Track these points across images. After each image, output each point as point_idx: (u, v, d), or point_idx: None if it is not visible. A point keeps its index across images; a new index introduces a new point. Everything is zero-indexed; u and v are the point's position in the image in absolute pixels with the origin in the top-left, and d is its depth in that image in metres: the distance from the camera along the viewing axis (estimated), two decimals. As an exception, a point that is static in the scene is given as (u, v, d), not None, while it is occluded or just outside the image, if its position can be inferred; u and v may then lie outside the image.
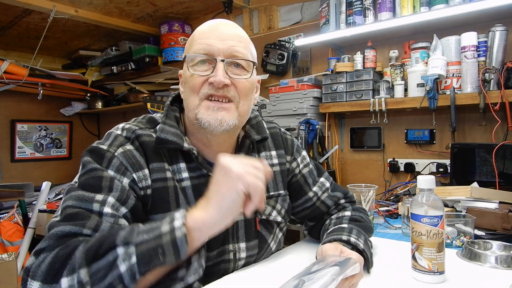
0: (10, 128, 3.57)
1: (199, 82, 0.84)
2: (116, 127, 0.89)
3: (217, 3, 2.78)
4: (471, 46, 1.66)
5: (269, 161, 1.02)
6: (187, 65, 0.86)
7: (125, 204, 0.77)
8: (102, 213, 0.72)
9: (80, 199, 0.73)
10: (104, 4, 2.65)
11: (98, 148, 0.81)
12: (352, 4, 1.96)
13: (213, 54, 0.84)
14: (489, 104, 1.59)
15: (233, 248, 0.91)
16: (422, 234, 0.80)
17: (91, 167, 0.78)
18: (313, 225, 1.11)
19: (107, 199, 0.74)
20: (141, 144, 0.84)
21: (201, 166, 0.88)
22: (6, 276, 1.84)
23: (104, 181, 0.76)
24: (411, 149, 2.02)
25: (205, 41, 0.84)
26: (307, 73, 2.46)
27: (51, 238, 0.68)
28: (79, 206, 0.72)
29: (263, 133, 0.99)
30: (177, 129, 0.87)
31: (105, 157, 0.80)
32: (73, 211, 0.71)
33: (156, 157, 0.84)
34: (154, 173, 0.83)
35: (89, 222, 0.70)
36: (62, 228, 0.69)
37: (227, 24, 0.89)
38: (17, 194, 2.36)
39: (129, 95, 3.39)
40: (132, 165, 0.81)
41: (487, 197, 1.27)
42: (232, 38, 0.86)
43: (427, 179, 0.82)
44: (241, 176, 0.68)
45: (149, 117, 0.93)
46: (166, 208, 0.83)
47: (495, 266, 0.92)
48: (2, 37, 3.17)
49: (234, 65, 0.86)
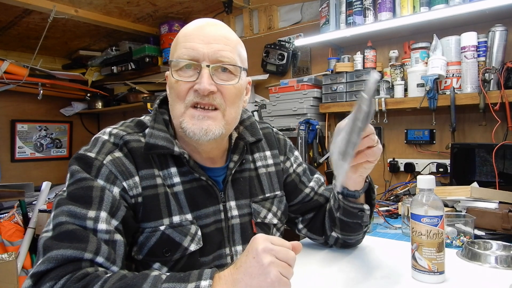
0: (10, 128, 3.57)
1: (185, 89, 0.80)
2: (103, 131, 0.86)
3: (217, 3, 2.79)
4: (471, 46, 1.66)
5: (264, 162, 1.01)
6: (171, 70, 0.83)
7: (115, 216, 0.74)
8: (96, 230, 0.70)
9: (73, 215, 0.70)
10: (104, 4, 2.65)
11: (85, 156, 0.78)
12: (352, 4, 1.96)
13: (198, 59, 0.80)
14: (489, 104, 1.59)
15: (229, 252, 0.90)
16: (422, 234, 0.80)
17: (79, 177, 0.75)
18: (312, 216, 1.07)
19: (99, 215, 0.71)
20: (130, 151, 0.81)
21: (192, 170, 0.86)
22: (6, 276, 1.84)
23: (95, 192, 0.73)
24: (411, 149, 2.02)
25: (190, 45, 0.80)
26: (307, 73, 2.46)
27: (50, 261, 0.64)
28: (73, 223, 0.69)
29: (257, 134, 0.98)
30: (166, 133, 0.85)
31: (94, 166, 0.77)
32: (68, 229, 0.68)
33: (145, 163, 0.82)
34: (144, 180, 0.81)
35: (90, 246, 0.67)
36: (63, 252, 0.65)
37: (213, 25, 0.84)
38: (17, 194, 2.36)
39: (129, 95, 3.39)
40: (122, 173, 0.78)
41: (487, 197, 1.27)
42: (218, 41, 0.81)
43: (427, 179, 0.82)
44: (270, 273, 0.63)
45: (137, 120, 0.90)
46: (156, 215, 0.81)
47: (495, 266, 0.92)
48: (2, 37, 3.17)
49: (220, 70, 0.82)
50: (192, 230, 0.83)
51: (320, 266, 0.96)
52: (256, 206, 0.95)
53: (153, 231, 0.80)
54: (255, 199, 0.96)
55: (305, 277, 0.88)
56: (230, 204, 0.91)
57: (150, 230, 0.80)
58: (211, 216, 0.88)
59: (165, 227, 0.81)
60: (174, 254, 0.81)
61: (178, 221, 0.82)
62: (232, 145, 0.95)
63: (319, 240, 1.08)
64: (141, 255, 0.80)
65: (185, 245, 0.82)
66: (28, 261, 2.26)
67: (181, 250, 0.82)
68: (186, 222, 0.83)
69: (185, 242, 0.82)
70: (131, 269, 0.82)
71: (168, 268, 0.82)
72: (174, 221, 0.82)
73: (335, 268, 0.94)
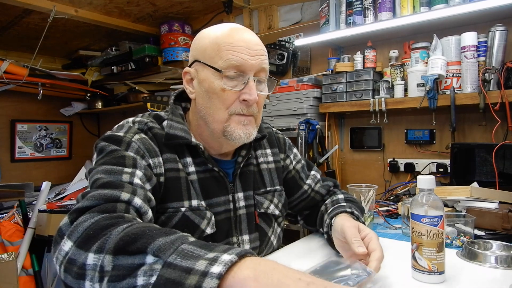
0: (10, 128, 3.56)
1: (232, 98, 0.86)
2: (125, 120, 0.91)
3: (217, 3, 2.78)
4: (471, 46, 1.66)
5: (265, 159, 1.08)
6: (213, 75, 0.86)
7: (149, 181, 0.79)
8: (132, 183, 0.74)
9: (109, 172, 0.74)
10: (104, 4, 2.65)
11: (114, 135, 0.83)
12: (352, 4, 1.96)
13: (246, 71, 0.85)
14: (489, 104, 1.59)
15: (237, 240, 0.95)
16: (422, 234, 0.80)
17: (111, 149, 0.79)
18: (308, 213, 1.19)
19: (135, 172, 0.76)
20: (154, 136, 0.88)
21: (207, 160, 0.92)
22: (6, 276, 1.84)
23: (127, 160, 0.78)
24: (411, 149, 2.02)
25: (238, 55, 0.84)
26: (307, 73, 2.46)
27: (94, 198, 0.66)
28: (108, 178, 0.72)
29: (262, 131, 1.04)
30: (183, 125, 0.91)
31: (123, 141, 0.82)
32: (105, 181, 0.71)
33: (168, 149, 0.88)
34: (167, 163, 0.86)
35: (126, 189, 0.70)
36: (101, 191, 0.68)
37: (251, 34, 0.90)
38: (17, 194, 2.36)
39: (129, 95, 3.38)
40: (149, 151, 0.83)
41: (487, 197, 1.27)
42: (260, 52, 0.88)
43: (427, 179, 0.82)
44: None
45: (154, 114, 0.96)
46: (178, 197, 0.86)
47: (495, 266, 0.92)
48: (2, 37, 3.17)
49: (258, 81, 0.89)
50: (208, 215, 0.89)
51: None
52: (259, 197, 1.02)
53: (175, 211, 0.85)
54: (257, 192, 1.02)
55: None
56: (238, 195, 0.98)
57: (173, 210, 0.85)
58: (222, 205, 0.93)
59: (185, 208, 0.86)
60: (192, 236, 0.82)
61: (196, 205, 0.88)
62: None
63: (313, 229, 1.19)
64: None
65: (202, 227, 0.87)
66: (28, 261, 2.26)
67: (199, 232, 0.87)
68: (203, 207, 0.89)
69: (202, 224, 0.87)
70: None
71: None
72: (193, 205, 0.88)
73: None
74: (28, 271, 2.26)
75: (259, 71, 0.88)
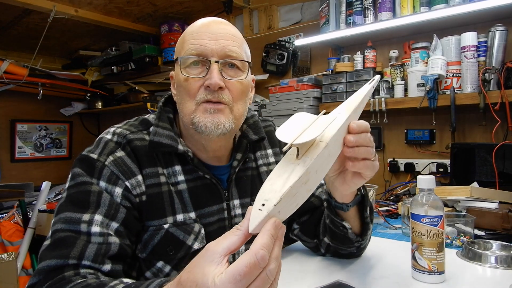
0: (10, 128, 3.57)
1: (195, 86, 0.80)
2: (107, 130, 0.87)
3: (217, 3, 2.78)
4: (471, 46, 1.66)
5: (265, 160, 1.01)
6: (179, 67, 0.83)
7: (115, 219, 0.74)
8: (90, 233, 0.71)
9: (68, 221, 0.72)
10: (104, 4, 2.65)
11: (88, 158, 0.79)
12: (352, 4, 1.96)
13: (206, 55, 0.80)
14: (489, 104, 1.59)
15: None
16: (422, 234, 0.80)
17: (80, 181, 0.77)
18: (306, 219, 1.02)
19: (93, 218, 0.72)
20: (133, 150, 0.82)
21: (196, 168, 0.86)
22: (6, 276, 1.84)
23: (92, 196, 0.75)
24: (411, 149, 2.02)
25: (197, 41, 0.80)
26: (307, 73, 2.46)
27: (40, 273, 0.67)
28: (67, 229, 0.71)
29: (260, 133, 0.98)
30: (170, 131, 0.85)
31: (96, 168, 0.78)
32: (60, 237, 0.70)
33: (149, 161, 0.82)
34: (147, 178, 0.81)
35: (74, 250, 0.68)
36: (48, 262, 0.67)
37: (219, 22, 0.85)
38: (17, 194, 2.36)
39: (129, 95, 3.39)
40: (124, 173, 0.79)
41: (487, 197, 1.27)
42: (225, 37, 0.82)
43: (427, 179, 0.82)
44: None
45: (142, 119, 0.91)
46: (161, 214, 0.81)
47: (495, 266, 0.92)
48: (2, 37, 3.17)
49: (228, 66, 0.82)
50: (196, 228, 0.84)
51: (320, 266, 0.96)
52: None
53: (157, 229, 0.81)
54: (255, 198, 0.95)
55: (301, 274, 0.89)
56: (234, 203, 0.92)
57: (154, 229, 0.81)
58: (214, 215, 0.88)
59: (169, 225, 0.82)
60: (178, 253, 0.82)
61: (182, 220, 0.83)
62: (235, 143, 0.96)
63: (310, 243, 1.03)
64: (145, 253, 0.81)
65: (189, 243, 0.83)
66: (28, 261, 2.26)
67: (185, 249, 0.82)
68: (190, 220, 0.84)
69: (188, 240, 0.83)
70: (135, 267, 0.83)
71: (171, 266, 0.83)
72: (178, 220, 0.83)
73: (334, 268, 0.94)
74: (28, 271, 2.26)
75: (224, 56, 0.81)
